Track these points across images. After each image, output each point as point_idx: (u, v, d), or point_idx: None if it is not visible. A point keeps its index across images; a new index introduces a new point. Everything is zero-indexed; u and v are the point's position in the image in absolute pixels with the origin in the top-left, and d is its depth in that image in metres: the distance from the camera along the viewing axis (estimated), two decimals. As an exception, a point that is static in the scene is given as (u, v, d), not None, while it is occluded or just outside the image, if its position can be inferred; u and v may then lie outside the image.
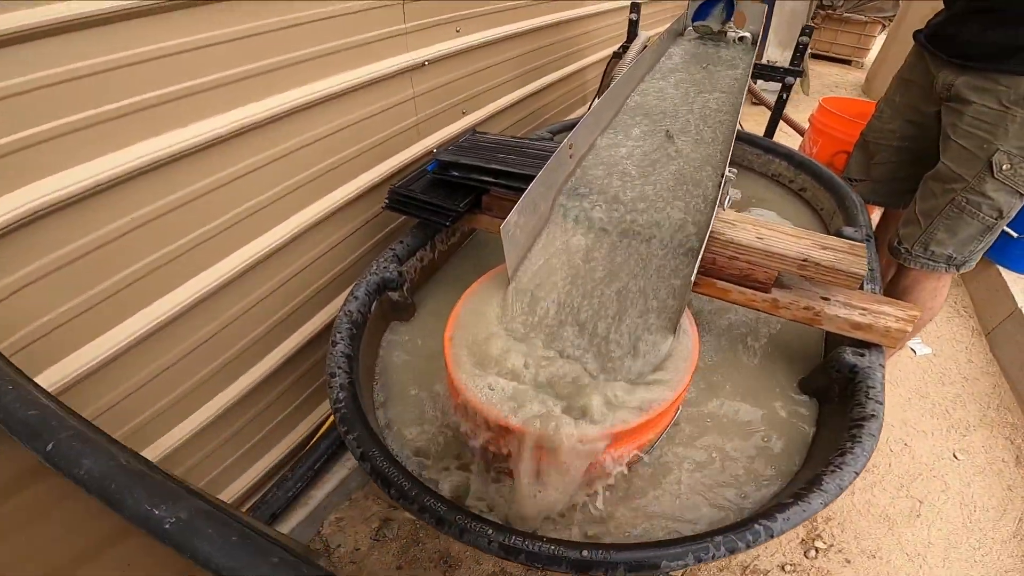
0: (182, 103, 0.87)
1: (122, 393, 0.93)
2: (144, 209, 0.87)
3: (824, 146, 2.57)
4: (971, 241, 1.33)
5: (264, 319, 1.17)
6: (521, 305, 0.92)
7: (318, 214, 1.18)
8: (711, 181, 1.11)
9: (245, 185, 1.02)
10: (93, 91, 0.75)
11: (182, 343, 1.00)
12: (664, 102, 1.40)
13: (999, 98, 1.20)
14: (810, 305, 1.03)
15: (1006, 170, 1.22)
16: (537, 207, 0.96)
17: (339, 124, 1.17)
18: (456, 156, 1.13)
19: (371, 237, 1.41)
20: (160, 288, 0.94)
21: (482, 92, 1.69)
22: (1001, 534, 1.46)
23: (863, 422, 0.86)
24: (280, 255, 1.14)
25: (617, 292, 0.93)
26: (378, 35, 1.21)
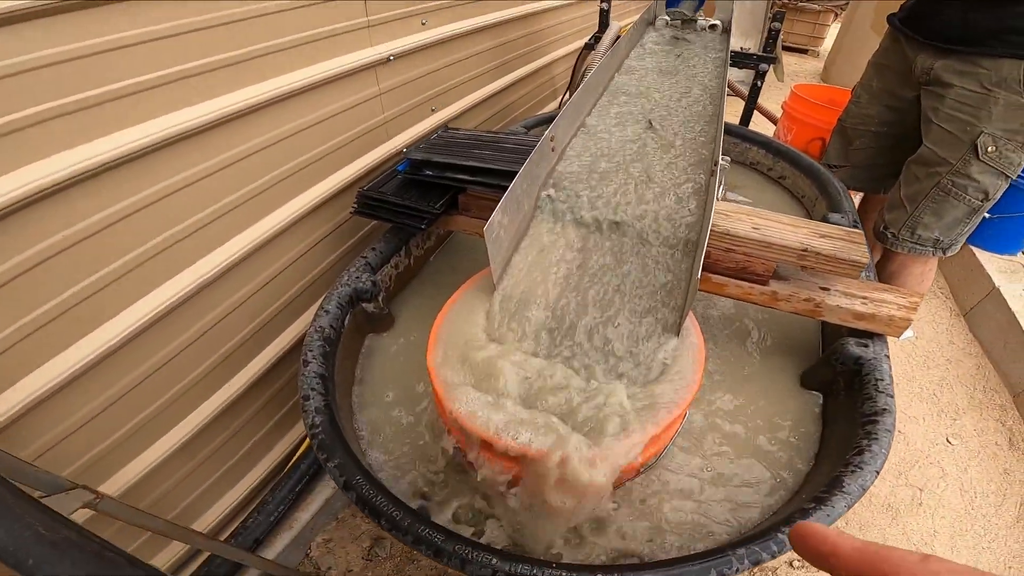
0: (115, 105, 0.78)
1: (75, 423, 0.83)
2: (80, 224, 0.77)
3: (799, 133, 2.58)
4: (957, 224, 1.33)
5: (227, 338, 1.07)
6: (510, 313, 0.85)
7: (280, 222, 1.09)
8: (701, 170, 1.05)
9: (197, 193, 0.93)
10: (8, 92, 0.65)
11: (138, 367, 0.91)
12: (642, 92, 1.34)
13: (980, 81, 1.19)
14: (810, 296, 0.99)
15: (991, 152, 1.21)
16: (521, 205, 0.88)
17: (299, 124, 1.08)
18: (428, 154, 1.04)
19: (341, 244, 1.32)
20: (108, 309, 0.85)
21: (452, 88, 1.61)
22: (1005, 520, 1.45)
23: (877, 417, 0.82)
24: (240, 268, 1.04)
25: (614, 292, 0.86)
26: (338, 29, 1.13)
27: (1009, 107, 1.18)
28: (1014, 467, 1.58)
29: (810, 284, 1.01)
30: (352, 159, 1.27)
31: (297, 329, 1.25)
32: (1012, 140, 1.20)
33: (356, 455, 0.75)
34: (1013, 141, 1.20)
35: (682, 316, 0.81)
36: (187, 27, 0.84)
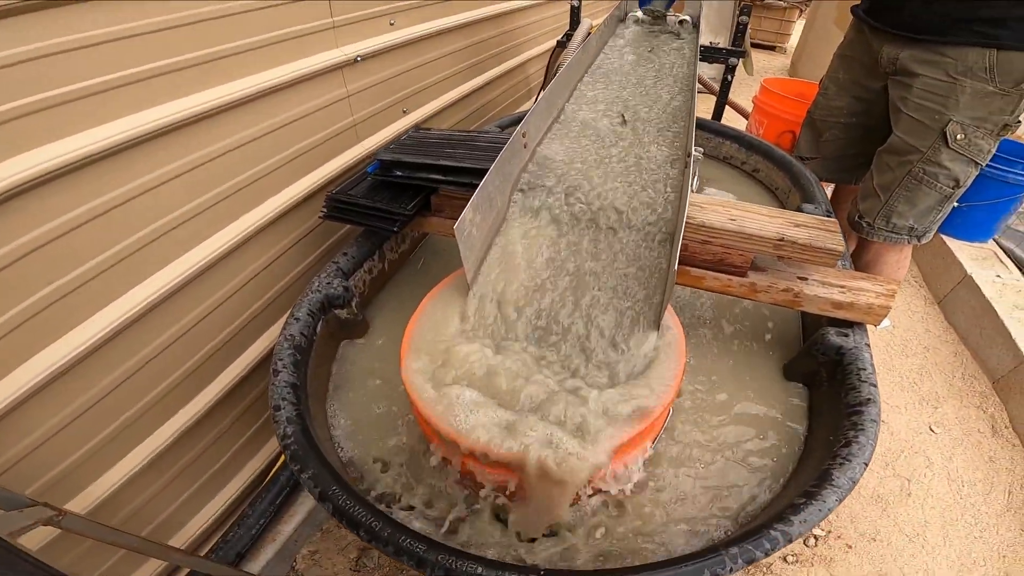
0: (76, 106, 0.74)
1: (37, 439, 0.79)
2: (33, 233, 0.72)
3: (770, 127, 2.59)
4: (930, 211, 1.34)
5: (195, 350, 1.03)
6: (485, 312, 0.83)
7: (247, 229, 1.05)
8: (674, 162, 1.04)
9: (159, 198, 0.89)
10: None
11: (100, 381, 0.87)
12: (614, 87, 1.33)
13: (946, 70, 1.20)
14: (789, 287, 0.98)
15: (960, 140, 1.22)
16: (493, 202, 0.86)
17: (265, 127, 1.05)
18: (398, 154, 1.02)
19: (312, 250, 1.28)
20: (68, 321, 0.81)
21: (423, 89, 1.58)
22: (994, 508, 1.45)
23: (862, 408, 0.81)
24: (205, 277, 1.00)
25: (592, 287, 0.84)
26: (302, 30, 1.10)
27: (976, 95, 1.19)
28: (999, 454, 1.59)
29: (788, 274, 1.00)
30: (321, 162, 1.23)
31: (269, 338, 1.21)
32: (980, 127, 1.21)
33: (332, 465, 0.72)
34: (981, 128, 1.21)
35: (662, 309, 0.80)
36: (149, 27, 0.81)
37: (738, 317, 1.14)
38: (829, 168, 1.64)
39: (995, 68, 1.16)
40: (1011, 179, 2.04)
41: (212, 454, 1.14)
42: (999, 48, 1.14)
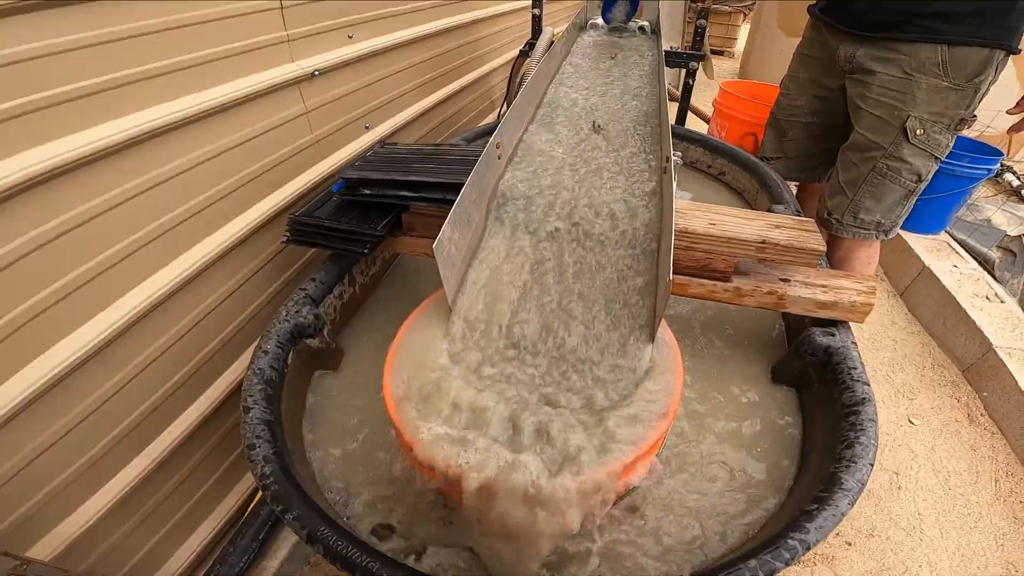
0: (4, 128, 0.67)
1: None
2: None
3: (732, 129, 2.63)
4: (896, 206, 1.36)
5: (153, 388, 0.96)
6: (469, 334, 0.78)
7: (205, 257, 0.98)
8: (652, 168, 1.02)
9: (106, 227, 0.82)
10: None
11: (61, 419, 0.81)
12: (581, 94, 1.32)
13: (901, 66, 1.23)
14: (773, 289, 0.97)
15: (920, 135, 1.25)
16: (471, 218, 0.82)
17: (218, 146, 0.98)
18: (365, 172, 0.96)
19: (278, 275, 1.21)
20: (16, 359, 0.74)
21: (385, 104, 1.53)
22: (984, 497, 1.48)
23: (858, 407, 0.80)
24: (160, 312, 0.93)
25: (578, 301, 0.81)
26: (253, 43, 1.04)
27: (931, 91, 1.21)
28: (979, 442, 1.62)
29: (770, 276, 1.00)
30: (282, 183, 1.17)
31: (235, 372, 1.13)
32: (938, 122, 1.23)
33: (317, 502, 0.67)
34: (939, 123, 1.23)
35: (655, 321, 0.77)
36: (86, 41, 0.74)
37: (716, 320, 1.12)
38: (793, 167, 1.66)
39: (947, 63, 1.18)
40: (960, 172, 2.12)
41: (186, 490, 1.07)
42: (949, 44, 1.17)
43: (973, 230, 2.38)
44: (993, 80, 1.21)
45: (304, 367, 0.96)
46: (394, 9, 1.50)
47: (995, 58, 1.17)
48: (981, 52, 1.16)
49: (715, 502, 0.80)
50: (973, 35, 1.15)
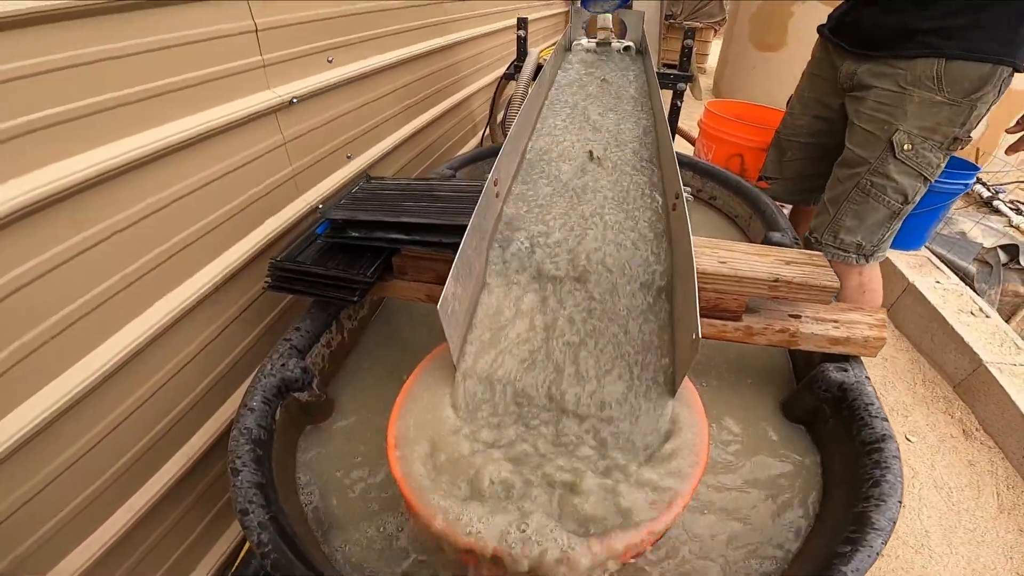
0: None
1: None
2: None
3: (718, 151, 2.55)
4: (879, 227, 1.29)
5: (136, 437, 0.88)
6: (476, 394, 0.72)
7: (173, 310, 0.89)
8: (659, 204, 0.97)
9: (66, 278, 0.73)
10: None
11: (32, 478, 0.73)
12: (576, 122, 1.27)
13: (897, 80, 1.19)
14: (784, 327, 0.94)
15: (907, 151, 1.19)
16: (472, 267, 0.75)
17: (188, 184, 0.89)
18: (352, 212, 0.89)
19: (256, 323, 1.12)
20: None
21: (367, 131, 1.46)
22: (988, 511, 1.47)
23: (880, 444, 0.79)
24: (124, 373, 0.84)
25: (590, 357, 0.75)
26: (225, 70, 0.96)
27: (923, 104, 1.16)
28: (977, 457, 1.62)
29: (780, 313, 0.96)
30: (258, 222, 1.08)
31: (218, 421, 1.05)
32: (929, 139, 1.18)
33: (320, 569, 0.62)
34: (930, 140, 1.18)
35: (676, 374, 0.71)
36: (39, 68, 0.66)
37: (720, 352, 1.09)
38: (790, 189, 1.62)
39: (943, 77, 1.14)
40: (940, 188, 2.14)
41: (172, 541, 0.99)
42: (947, 58, 1.13)
43: (951, 244, 2.41)
44: (995, 100, 1.16)
45: (293, 421, 0.89)
46: (375, 31, 1.43)
47: (997, 75, 1.11)
48: (981, 67, 1.11)
49: (732, 541, 0.77)
50: (972, 49, 1.10)
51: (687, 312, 0.69)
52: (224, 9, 0.93)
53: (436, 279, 0.92)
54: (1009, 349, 1.78)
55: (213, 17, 0.91)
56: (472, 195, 0.95)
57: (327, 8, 1.21)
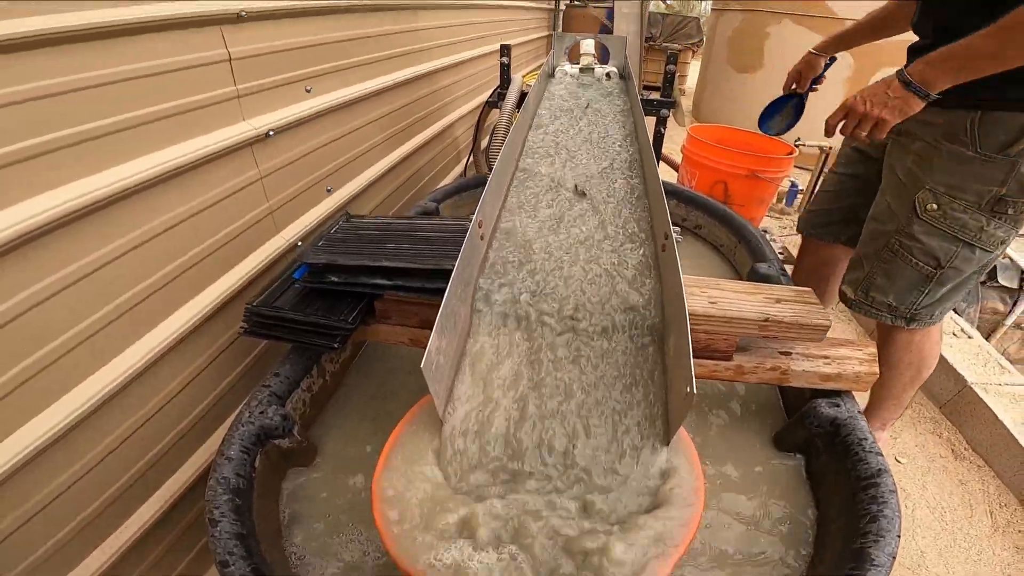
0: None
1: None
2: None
3: (702, 178, 2.50)
4: (911, 290, 1.17)
5: (107, 484, 0.84)
6: (463, 450, 0.69)
7: (144, 356, 0.85)
8: (647, 244, 0.96)
9: (28, 325, 0.69)
10: None
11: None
12: (561, 153, 1.25)
13: (934, 134, 1.10)
14: (776, 365, 0.93)
15: (932, 210, 1.09)
16: (457, 316, 0.73)
17: (157, 225, 0.85)
18: (331, 255, 0.86)
19: (232, 368, 1.07)
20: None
21: (348, 163, 1.42)
22: (982, 530, 1.47)
23: (875, 479, 0.78)
24: (90, 424, 0.79)
25: (581, 404, 0.73)
26: (197, 101, 0.92)
27: (951, 159, 1.05)
28: (967, 476, 1.62)
29: (771, 351, 0.95)
30: (234, 262, 1.04)
31: (193, 467, 1.00)
32: (958, 199, 1.06)
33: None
34: (960, 200, 1.06)
35: (670, 423, 0.69)
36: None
37: (710, 385, 1.08)
38: (813, 221, 1.53)
39: (977, 130, 1.03)
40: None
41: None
42: (982, 108, 1.02)
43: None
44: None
45: (274, 469, 0.86)
46: (356, 59, 1.40)
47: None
48: (1020, 116, 0.98)
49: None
50: (1010, 97, 0.98)
51: (680, 363, 0.66)
52: (195, 37, 0.90)
53: (420, 323, 0.89)
54: (993, 369, 1.79)
55: (183, 46, 0.87)
56: (456, 234, 0.93)
57: (305, 36, 1.18)
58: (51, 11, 0.67)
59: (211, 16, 0.92)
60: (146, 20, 0.79)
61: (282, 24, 1.11)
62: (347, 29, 1.34)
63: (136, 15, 0.77)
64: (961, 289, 1.18)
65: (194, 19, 0.88)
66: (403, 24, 1.67)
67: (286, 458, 0.87)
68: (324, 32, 1.25)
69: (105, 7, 0.74)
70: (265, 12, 1.04)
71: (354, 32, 1.38)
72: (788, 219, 3.25)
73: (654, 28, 7.07)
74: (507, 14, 3.14)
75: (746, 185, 2.42)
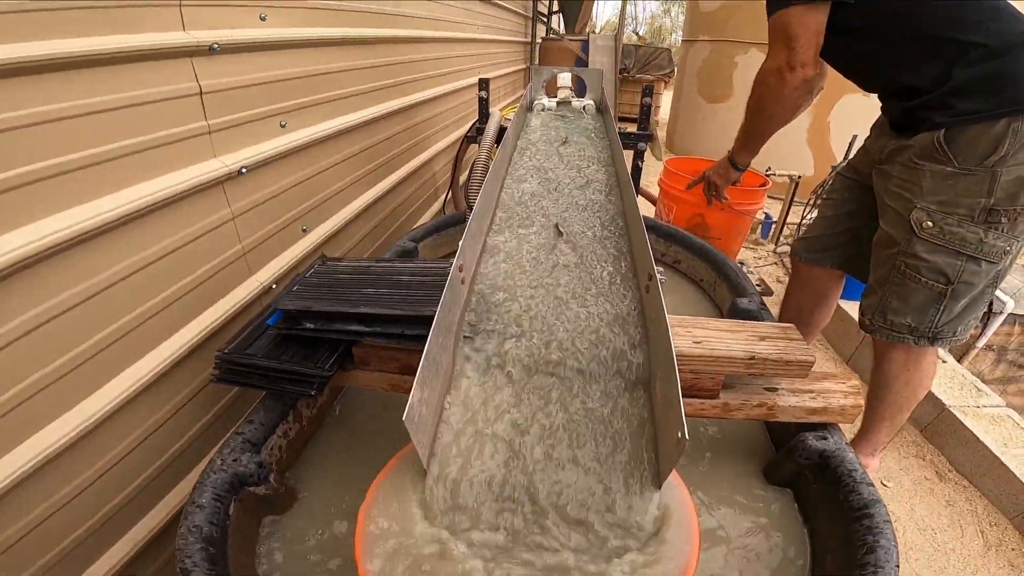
0: None
1: None
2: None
3: (679, 212, 2.48)
4: (927, 308, 1.18)
5: (63, 535, 0.78)
6: (449, 499, 0.67)
7: (107, 405, 0.80)
8: (629, 282, 0.95)
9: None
10: None
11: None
12: (539, 190, 1.25)
13: (911, 156, 1.14)
14: (762, 401, 0.93)
15: (928, 228, 1.12)
16: (439, 365, 0.70)
17: (120, 270, 0.81)
18: (307, 301, 0.83)
19: (203, 414, 1.02)
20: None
21: (324, 201, 1.40)
22: (975, 549, 1.47)
23: (869, 510, 0.78)
24: (52, 468, 0.75)
25: (569, 450, 0.71)
26: (165, 137, 0.88)
27: (935, 177, 1.09)
28: (954, 497, 1.63)
29: (756, 387, 0.95)
30: (206, 305, 1.00)
31: (155, 519, 0.95)
32: (951, 214, 1.09)
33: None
34: (953, 215, 1.09)
35: (660, 467, 0.67)
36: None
37: (697, 420, 1.07)
38: (810, 247, 1.55)
39: (947, 147, 1.07)
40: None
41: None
42: (943, 127, 1.07)
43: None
44: (1016, 153, 1.03)
45: (250, 515, 0.81)
46: (333, 93, 1.38)
47: (1011, 130, 1.01)
48: (989, 127, 1.03)
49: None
50: (969, 111, 1.04)
51: (670, 408, 0.65)
52: (164, 70, 0.86)
53: (401, 369, 0.86)
54: (970, 392, 1.82)
55: (151, 78, 0.84)
56: (435, 278, 0.91)
57: (280, 69, 1.16)
58: (7, 40, 0.64)
59: (181, 48, 0.89)
60: (111, 51, 0.76)
61: (256, 57, 1.08)
62: (323, 63, 1.33)
63: (100, 46, 0.74)
64: (979, 303, 1.19)
65: (163, 51, 0.85)
66: (380, 58, 1.67)
67: (263, 503, 0.83)
68: (300, 65, 1.23)
69: (67, 37, 0.71)
70: (239, 44, 1.02)
71: (330, 66, 1.37)
72: (763, 249, 3.31)
73: (627, 59, 7.26)
74: (485, 47, 3.18)
75: (723, 218, 2.43)
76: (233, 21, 1.02)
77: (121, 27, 0.79)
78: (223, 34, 0.98)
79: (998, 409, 1.76)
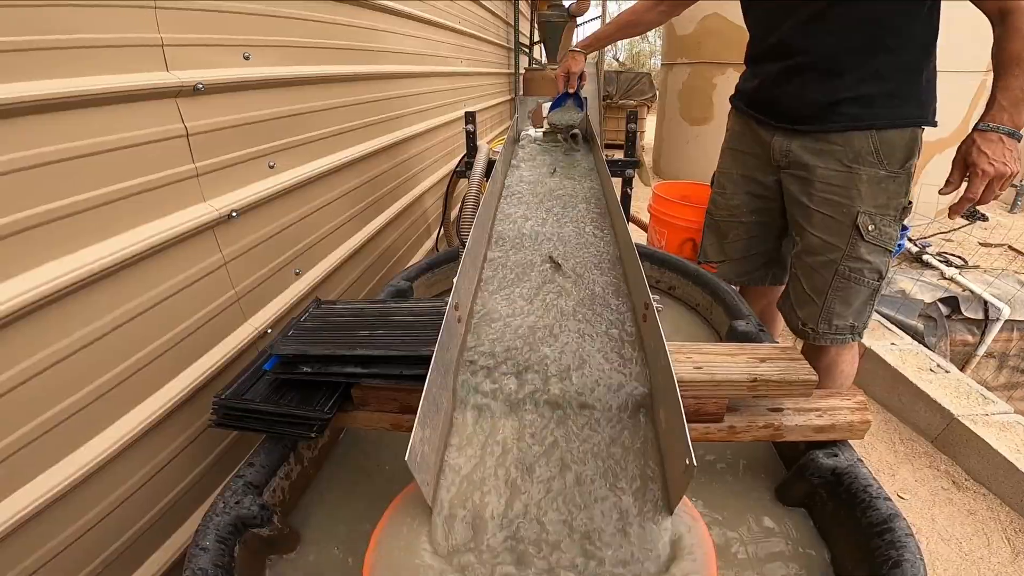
0: None
1: None
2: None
3: (671, 237, 2.48)
4: (865, 307, 1.29)
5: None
6: (458, 536, 0.65)
7: (102, 454, 0.79)
8: (629, 314, 0.95)
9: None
10: None
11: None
12: (532, 225, 1.25)
13: (839, 158, 1.18)
14: (768, 422, 0.92)
15: (872, 231, 1.19)
16: (439, 404, 0.69)
17: (107, 323, 0.80)
18: (303, 345, 0.82)
19: (202, 458, 1.00)
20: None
21: (317, 242, 1.39)
22: (1003, 557, 1.44)
23: (889, 524, 0.77)
24: (50, 513, 0.73)
25: (577, 483, 0.70)
26: (151, 182, 0.86)
27: (872, 183, 1.16)
28: (974, 506, 1.60)
29: (761, 409, 0.94)
30: (200, 353, 0.99)
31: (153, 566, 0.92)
32: (885, 215, 1.18)
33: None
34: (886, 216, 1.19)
35: (670, 495, 0.66)
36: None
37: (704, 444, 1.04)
38: (738, 270, 1.58)
39: (880, 150, 1.15)
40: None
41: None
42: (877, 128, 1.14)
43: (896, 304, 2.49)
44: (917, 160, 1.18)
45: (254, 555, 0.79)
46: (320, 131, 1.37)
47: (918, 137, 1.15)
48: (906, 133, 1.14)
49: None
50: (896, 116, 1.13)
51: (675, 436, 0.64)
52: (148, 110, 0.85)
53: (400, 408, 0.85)
54: (977, 400, 1.81)
55: (135, 120, 0.82)
56: (431, 318, 0.91)
57: (267, 108, 1.15)
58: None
59: (166, 88, 0.87)
60: (92, 93, 0.74)
61: (242, 96, 1.07)
62: (310, 100, 1.32)
63: (81, 87, 0.72)
64: (881, 293, 1.31)
65: (147, 91, 0.84)
66: (366, 94, 1.67)
67: (267, 544, 0.82)
68: (286, 104, 1.22)
69: (45, 79, 0.69)
70: (224, 84, 1.01)
71: (317, 103, 1.36)
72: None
73: (610, 86, 7.42)
74: (469, 80, 3.24)
75: (714, 241, 2.44)
76: (217, 61, 1.02)
77: (103, 68, 0.77)
78: (207, 74, 0.97)
79: (1007, 416, 1.75)
